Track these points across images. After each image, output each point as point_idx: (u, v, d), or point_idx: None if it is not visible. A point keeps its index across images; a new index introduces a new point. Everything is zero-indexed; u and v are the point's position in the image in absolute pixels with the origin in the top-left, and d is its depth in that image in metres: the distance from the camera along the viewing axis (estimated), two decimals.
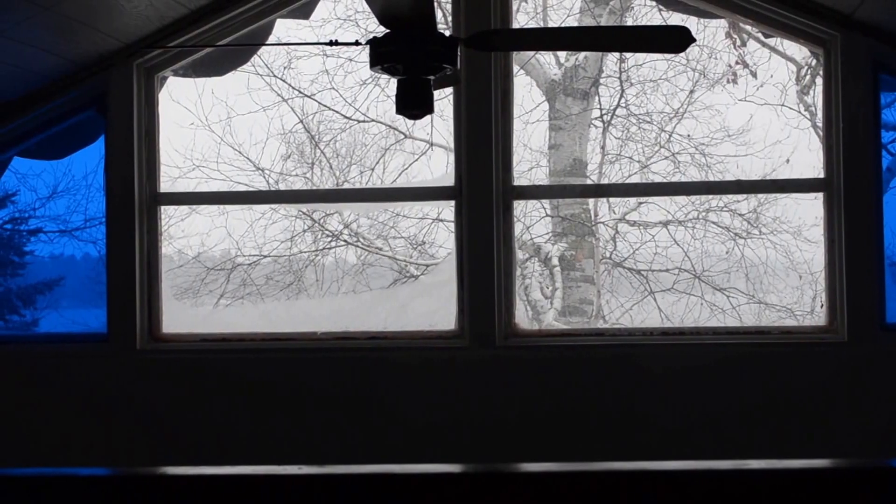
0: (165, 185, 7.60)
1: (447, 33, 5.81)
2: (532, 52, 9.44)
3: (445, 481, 3.04)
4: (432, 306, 9.10)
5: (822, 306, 7.33)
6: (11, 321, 7.92)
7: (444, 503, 2.97)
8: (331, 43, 5.38)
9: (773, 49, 9.20)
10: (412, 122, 9.01)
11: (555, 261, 9.79)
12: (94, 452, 7.22)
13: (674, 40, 5.17)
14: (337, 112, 9.50)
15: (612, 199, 9.84)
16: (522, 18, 9.46)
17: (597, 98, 9.91)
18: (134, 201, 7.29)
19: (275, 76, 9.23)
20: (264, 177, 9.37)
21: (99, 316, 7.50)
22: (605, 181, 9.74)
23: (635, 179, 9.68)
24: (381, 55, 5.05)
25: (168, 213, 7.95)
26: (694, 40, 5.07)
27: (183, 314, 8.61)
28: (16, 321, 7.94)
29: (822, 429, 6.89)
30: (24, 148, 7.59)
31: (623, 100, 9.86)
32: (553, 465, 3.10)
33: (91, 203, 7.69)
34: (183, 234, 9.11)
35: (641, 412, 6.99)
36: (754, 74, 9.28)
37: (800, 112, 9.22)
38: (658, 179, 9.60)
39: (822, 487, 2.93)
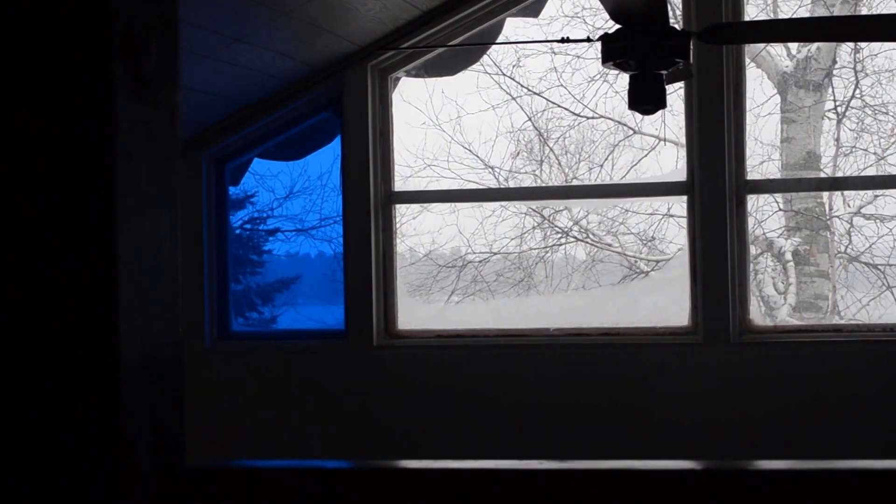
0: (398, 184, 7.72)
1: (677, 27, 5.78)
2: (763, 45, 9.29)
3: (679, 476, 3.03)
4: (663, 302, 9.03)
5: None
6: (251, 318, 8.14)
7: (679, 499, 2.96)
8: (562, 40, 5.41)
9: None
10: (641, 117, 8.96)
11: (788, 256, 9.62)
12: (332, 446, 7.38)
13: None
14: (565, 109, 9.50)
15: (846, 193, 9.62)
16: (752, 10, 9.32)
17: (830, 89, 9.70)
18: (369, 200, 7.43)
19: (504, 74, 9.27)
20: (494, 175, 9.42)
21: (334, 313, 7.65)
22: (839, 174, 9.53)
23: (871, 172, 9.45)
24: (614, 51, 5.04)
25: (400, 212, 8.07)
26: None
27: (416, 311, 8.74)
28: (255, 318, 8.17)
29: None
30: (263, 150, 7.81)
31: (858, 91, 9.62)
32: (791, 462, 3.06)
33: (326, 202, 7.86)
34: (414, 231, 9.22)
35: (883, 408, 6.83)
36: None
37: None
38: (895, 171, 9.36)
39: None
